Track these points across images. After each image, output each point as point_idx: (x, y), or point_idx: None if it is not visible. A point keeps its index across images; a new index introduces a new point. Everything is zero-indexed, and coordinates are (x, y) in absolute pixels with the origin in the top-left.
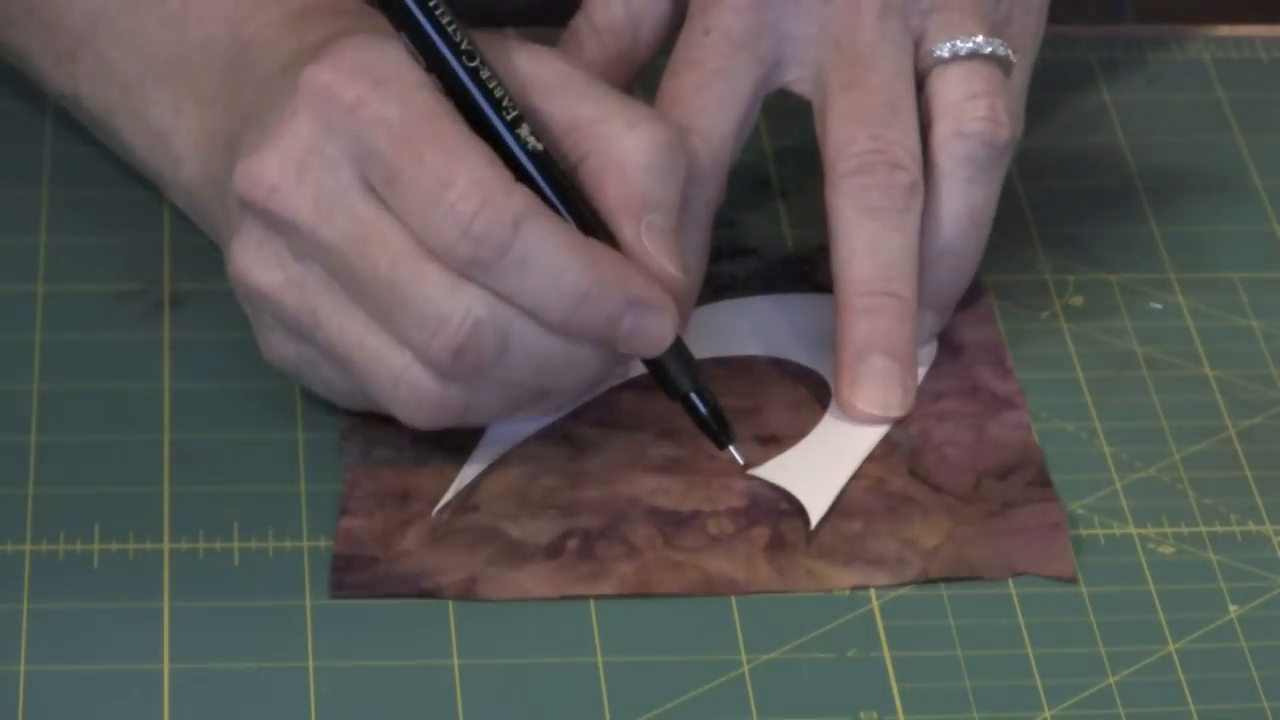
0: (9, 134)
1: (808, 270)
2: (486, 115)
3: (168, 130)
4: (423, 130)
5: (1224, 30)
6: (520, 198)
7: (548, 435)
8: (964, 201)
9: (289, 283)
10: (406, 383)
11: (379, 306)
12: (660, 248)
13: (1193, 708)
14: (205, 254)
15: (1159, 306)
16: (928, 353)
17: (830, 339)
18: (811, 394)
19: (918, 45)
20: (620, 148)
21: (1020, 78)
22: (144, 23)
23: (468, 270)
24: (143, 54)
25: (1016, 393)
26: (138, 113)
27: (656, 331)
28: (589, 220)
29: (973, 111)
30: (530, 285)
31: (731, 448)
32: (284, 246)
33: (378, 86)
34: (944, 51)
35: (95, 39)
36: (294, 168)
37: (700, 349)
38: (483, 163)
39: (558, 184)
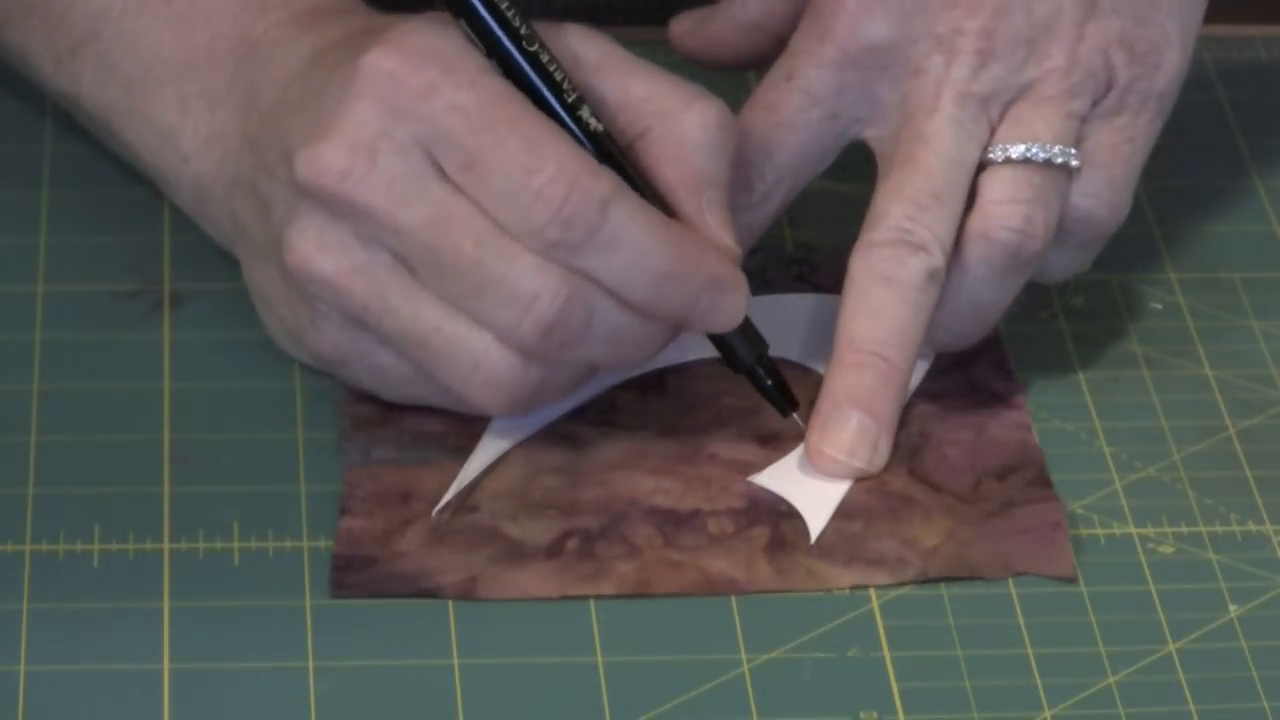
0: (9, 134)
1: (808, 270)
2: (547, 99)
3: (174, 128)
4: (501, 116)
5: (1224, 30)
6: (607, 180)
7: (548, 435)
8: (972, 296)
9: (355, 269)
10: (487, 364)
11: (461, 288)
12: (720, 222)
13: (1193, 708)
14: (205, 254)
15: (1159, 306)
16: (927, 354)
17: (830, 338)
18: (812, 394)
19: (990, 136)
20: (679, 125)
21: (1124, 170)
22: (148, 23)
23: (553, 252)
24: (147, 53)
25: (1017, 393)
26: (141, 112)
27: (731, 309)
28: (649, 197)
29: (1006, 218)
30: (616, 265)
31: (795, 415)
32: (348, 232)
33: (448, 73)
34: (997, 155)
35: (98, 39)
36: (365, 153)
37: (699, 349)
38: (565, 146)
39: (619, 163)
